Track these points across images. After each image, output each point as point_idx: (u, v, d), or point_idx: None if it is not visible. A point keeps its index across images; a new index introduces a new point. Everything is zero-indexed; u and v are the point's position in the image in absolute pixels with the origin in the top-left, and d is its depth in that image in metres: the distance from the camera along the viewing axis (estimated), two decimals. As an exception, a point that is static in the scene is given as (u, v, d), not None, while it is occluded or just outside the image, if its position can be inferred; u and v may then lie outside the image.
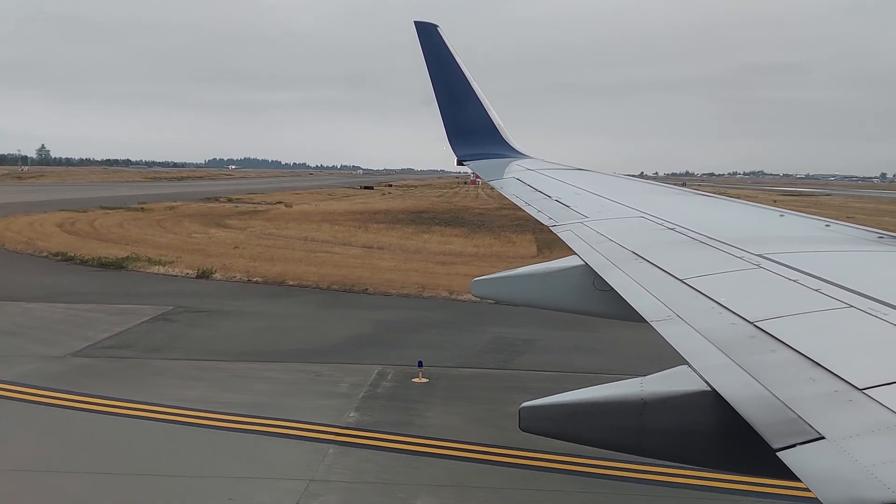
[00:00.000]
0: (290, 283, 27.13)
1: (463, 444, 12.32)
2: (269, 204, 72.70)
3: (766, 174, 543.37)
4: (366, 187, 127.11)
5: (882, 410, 2.40)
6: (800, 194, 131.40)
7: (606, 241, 6.39)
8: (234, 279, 27.91)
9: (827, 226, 6.35)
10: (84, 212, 54.20)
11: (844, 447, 2.28)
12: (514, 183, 11.77)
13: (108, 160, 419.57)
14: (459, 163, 14.75)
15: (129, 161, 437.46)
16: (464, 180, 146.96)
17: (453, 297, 24.76)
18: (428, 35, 14.08)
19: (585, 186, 10.74)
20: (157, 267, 29.84)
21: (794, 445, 2.39)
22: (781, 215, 7.40)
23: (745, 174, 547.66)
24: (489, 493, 10.76)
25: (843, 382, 2.66)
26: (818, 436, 2.39)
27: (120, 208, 59.09)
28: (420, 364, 15.77)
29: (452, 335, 19.98)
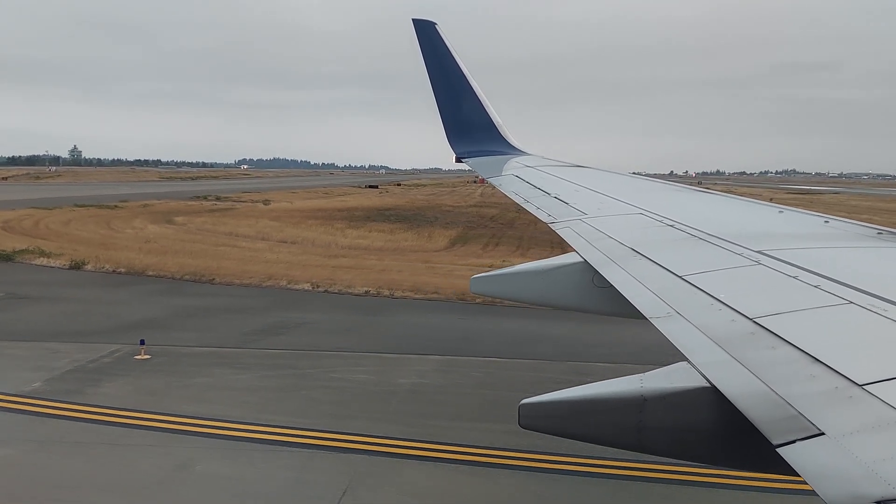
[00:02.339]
0: (150, 273, 28.57)
1: (92, 406, 13.34)
2: (251, 202, 73.24)
3: (798, 173, 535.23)
4: (370, 186, 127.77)
5: (882, 406, 2.40)
6: (806, 192, 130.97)
7: (605, 237, 6.38)
8: (101, 270, 29.18)
9: (826, 222, 6.34)
10: (50, 209, 54.83)
11: (844, 443, 2.27)
12: (513, 180, 11.75)
13: (139, 160, 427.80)
14: (458, 160, 14.73)
15: (160, 161, 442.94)
16: (473, 179, 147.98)
17: (289, 286, 26.25)
18: (426, 33, 14.05)
19: (584, 183, 10.73)
20: (42, 259, 31.06)
21: (794, 441, 2.39)
22: (780, 212, 7.39)
23: (776, 173, 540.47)
24: (66, 447, 11.60)
25: (842, 379, 2.65)
26: (818, 432, 2.38)
27: (92, 206, 59.67)
28: (142, 342, 16.89)
29: (237, 319, 20.98)
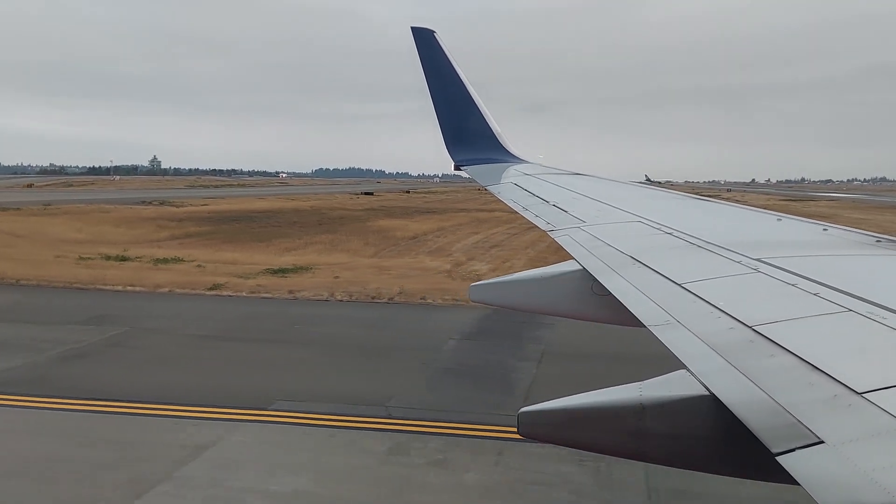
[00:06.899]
0: None
1: None
2: (171, 206, 79.69)
3: (887, 181, 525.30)
4: (366, 193, 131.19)
5: (882, 415, 2.39)
6: (798, 199, 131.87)
7: (604, 245, 6.37)
8: None
9: (825, 230, 6.34)
10: None
11: (844, 451, 2.27)
12: (512, 188, 11.75)
13: (214, 170, 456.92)
14: (457, 168, 14.72)
15: (234, 171, 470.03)
16: (478, 187, 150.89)
17: None
18: (424, 41, 14.06)
19: (583, 191, 10.73)
20: None
21: (793, 450, 2.38)
22: (779, 219, 7.39)
23: (864, 181, 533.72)
24: None
25: (842, 387, 2.64)
26: (817, 440, 2.37)
27: (8, 210, 64.75)
28: None
29: None
